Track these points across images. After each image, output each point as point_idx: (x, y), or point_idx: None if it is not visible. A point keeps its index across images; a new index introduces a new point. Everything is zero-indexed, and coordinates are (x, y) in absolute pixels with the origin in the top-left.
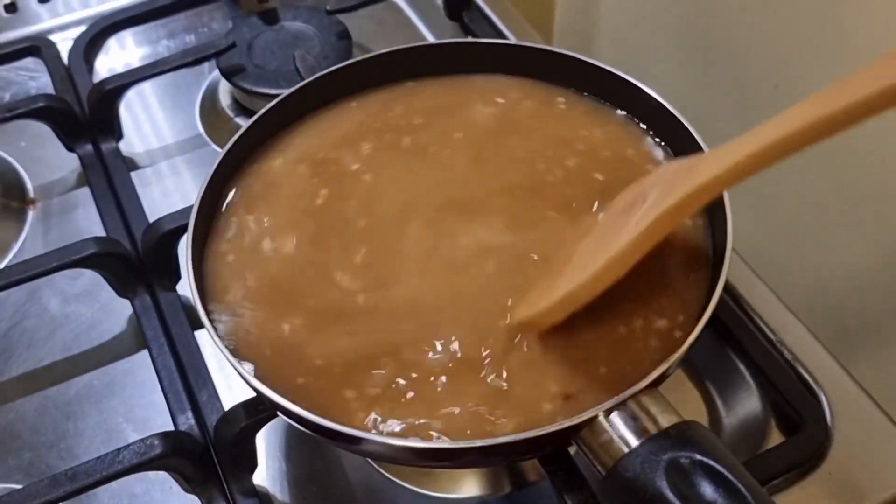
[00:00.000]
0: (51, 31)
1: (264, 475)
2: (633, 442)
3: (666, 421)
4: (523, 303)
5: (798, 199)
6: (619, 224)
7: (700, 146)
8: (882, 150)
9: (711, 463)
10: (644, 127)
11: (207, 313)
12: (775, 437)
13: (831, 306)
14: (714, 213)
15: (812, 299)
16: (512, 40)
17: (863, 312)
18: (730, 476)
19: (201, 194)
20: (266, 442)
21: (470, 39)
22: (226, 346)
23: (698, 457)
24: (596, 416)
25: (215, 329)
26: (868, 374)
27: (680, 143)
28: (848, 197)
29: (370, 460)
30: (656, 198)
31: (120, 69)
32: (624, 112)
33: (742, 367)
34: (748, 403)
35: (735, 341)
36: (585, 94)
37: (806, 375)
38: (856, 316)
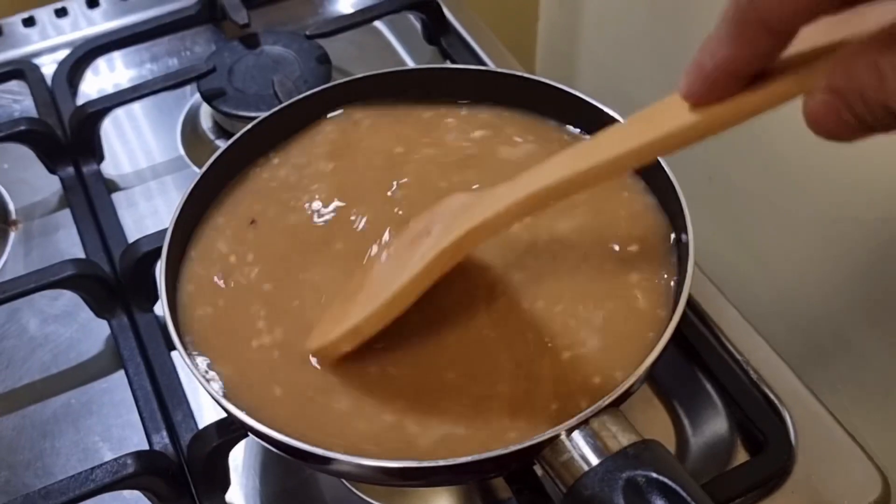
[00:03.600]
0: (37, 54)
1: (238, 494)
2: (593, 460)
3: (626, 440)
4: (316, 331)
5: (769, 218)
6: (406, 255)
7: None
8: (853, 172)
9: (666, 481)
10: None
11: (180, 335)
12: (741, 456)
13: (802, 325)
14: (679, 230)
15: (783, 318)
16: (489, 65)
17: (833, 331)
18: (683, 494)
19: (175, 217)
20: (240, 461)
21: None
22: (197, 366)
23: (654, 475)
24: (558, 436)
25: (186, 349)
26: (840, 391)
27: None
28: (819, 217)
29: (344, 480)
30: (438, 234)
31: (109, 89)
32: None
33: (709, 386)
34: (715, 423)
35: (702, 361)
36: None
37: (771, 395)
38: (826, 335)
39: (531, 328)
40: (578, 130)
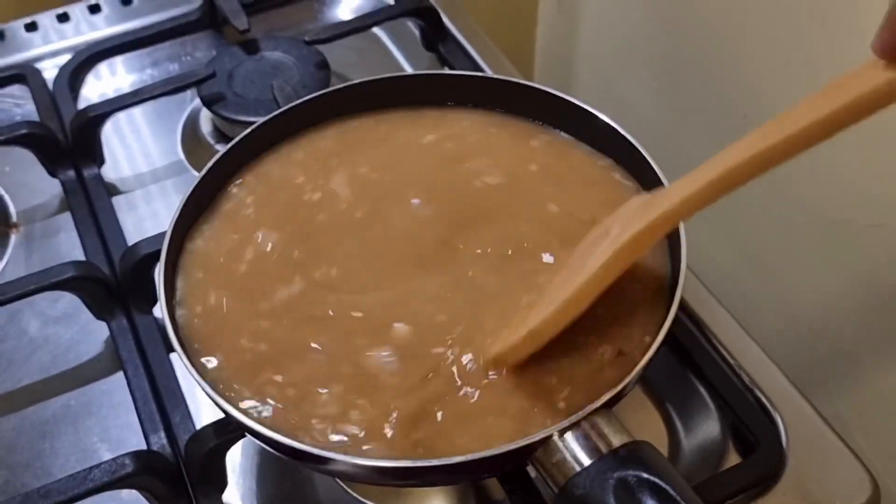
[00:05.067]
0: (39, 58)
1: (235, 494)
2: (585, 461)
3: (617, 441)
4: (498, 338)
5: (763, 223)
6: (583, 260)
7: (658, 176)
8: (849, 177)
9: (657, 481)
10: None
11: (179, 337)
12: (733, 459)
13: (795, 329)
14: (671, 236)
15: (776, 322)
16: (487, 72)
17: (827, 335)
18: (674, 494)
19: (174, 220)
20: (237, 461)
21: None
22: (195, 368)
23: (645, 475)
24: (550, 436)
25: (184, 350)
26: (832, 394)
27: (642, 174)
28: (814, 222)
29: (339, 480)
30: (616, 233)
31: (110, 94)
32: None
33: (702, 389)
34: (707, 425)
35: (695, 365)
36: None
37: (763, 398)
38: (820, 339)
39: None
40: (574, 137)
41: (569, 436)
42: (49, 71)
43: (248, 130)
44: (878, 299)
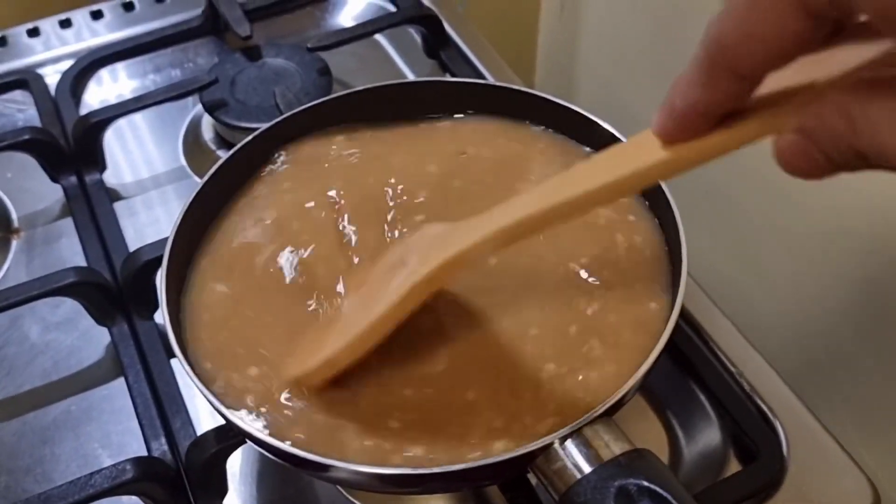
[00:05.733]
0: (41, 64)
1: (235, 500)
2: (586, 468)
3: (618, 448)
4: (295, 358)
5: (765, 232)
6: (382, 285)
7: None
8: (849, 186)
9: (658, 489)
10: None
11: (180, 343)
12: (733, 467)
13: (796, 338)
14: (672, 242)
15: (777, 331)
16: (489, 79)
17: (828, 344)
18: (674, 502)
19: (176, 226)
20: (238, 468)
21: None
22: (196, 374)
23: (645, 483)
24: (551, 444)
25: (186, 357)
26: (833, 403)
27: None
28: (815, 231)
29: (340, 487)
30: (413, 266)
31: (112, 100)
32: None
33: (702, 397)
34: (708, 433)
35: (696, 373)
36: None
37: (763, 407)
38: (821, 348)
39: (528, 334)
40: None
41: (570, 443)
42: (51, 77)
43: (250, 137)
44: (879, 307)
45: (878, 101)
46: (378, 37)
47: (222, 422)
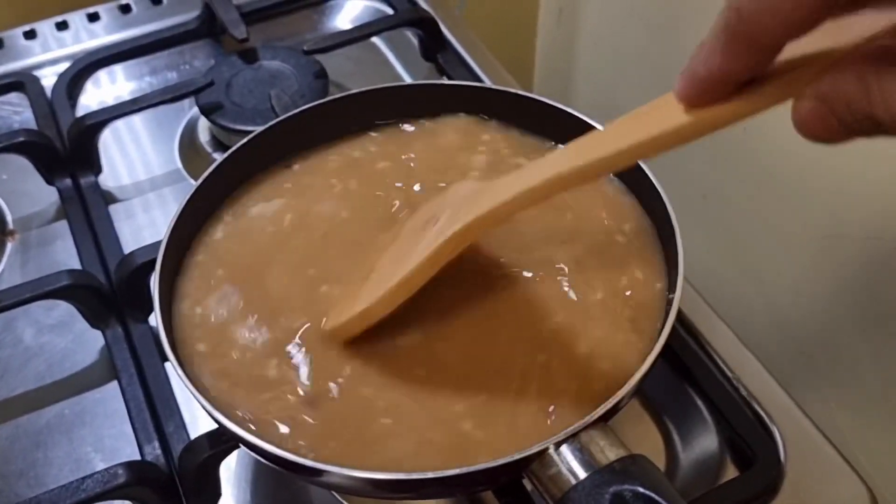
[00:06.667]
0: (37, 66)
1: None
2: (581, 474)
3: (613, 454)
4: (335, 311)
5: (762, 235)
6: (413, 242)
7: (655, 186)
8: (846, 189)
9: (653, 495)
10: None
11: (173, 347)
12: (730, 473)
13: (794, 341)
14: (668, 244)
15: (775, 335)
16: (486, 82)
17: (826, 348)
18: None
19: (171, 229)
20: (231, 472)
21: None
22: (189, 378)
23: (641, 489)
24: (546, 449)
25: (179, 361)
26: (831, 407)
27: (637, 182)
28: (812, 234)
29: (334, 492)
30: (445, 221)
31: (109, 102)
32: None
33: (699, 403)
34: (704, 439)
35: (693, 378)
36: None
37: (761, 412)
38: (819, 351)
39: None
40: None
41: (565, 449)
42: (48, 79)
43: (246, 140)
44: (875, 312)
45: (894, 69)
46: (375, 39)
47: (216, 426)
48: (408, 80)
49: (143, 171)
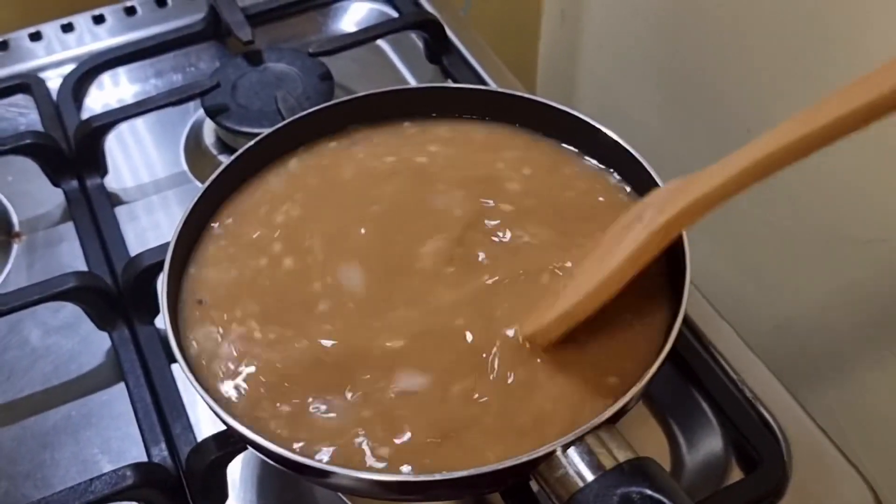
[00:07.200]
0: (43, 68)
1: None
2: (589, 476)
3: (621, 456)
4: (528, 320)
5: (767, 239)
6: (615, 244)
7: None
8: (851, 193)
9: (661, 497)
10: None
11: (181, 348)
12: (735, 475)
13: (799, 344)
14: (674, 248)
15: (780, 338)
16: (490, 85)
17: (830, 351)
18: None
19: (178, 231)
20: (238, 474)
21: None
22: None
23: (649, 492)
24: (553, 451)
25: (187, 361)
26: (835, 410)
27: (643, 185)
28: (817, 238)
29: (341, 494)
30: (650, 217)
31: (114, 104)
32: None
33: (704, 405)
34: (710, 441)
35: (698, 380)
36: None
37: (766, 414)
38: (823, 354)
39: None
40: (577, 150)
41: (572, 451)
42: (53, 81)
43: (252, 142)
44: (879, 314)
45: None
46: (380, 42)
47: (223, 427)
48: (413, 82)
49: (149, 173)
